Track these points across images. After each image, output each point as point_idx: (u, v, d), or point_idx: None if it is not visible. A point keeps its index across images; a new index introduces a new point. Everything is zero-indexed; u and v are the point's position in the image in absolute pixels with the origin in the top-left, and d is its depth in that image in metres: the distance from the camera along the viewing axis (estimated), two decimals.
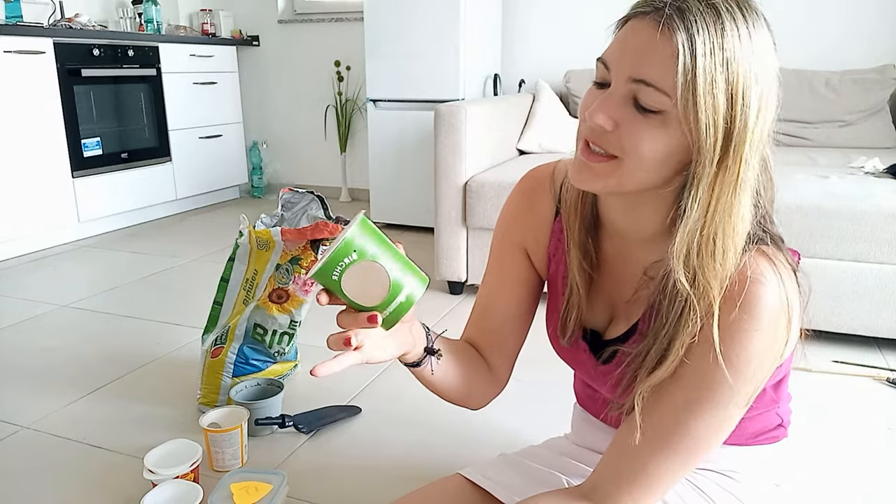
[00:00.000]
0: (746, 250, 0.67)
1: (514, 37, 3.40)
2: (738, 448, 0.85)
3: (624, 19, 0.67)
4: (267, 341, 1.57)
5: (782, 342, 0.66)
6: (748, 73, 0.62)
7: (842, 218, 1.78)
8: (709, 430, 0.69)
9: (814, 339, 0.78)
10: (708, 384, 0.67)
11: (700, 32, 0.60)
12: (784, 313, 0.65)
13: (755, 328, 0.65)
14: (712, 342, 0.66)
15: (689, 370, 0.68)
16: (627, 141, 0.65)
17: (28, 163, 2.83)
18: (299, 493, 1.25)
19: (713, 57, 0.60)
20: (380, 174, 3.25)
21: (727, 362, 0.66)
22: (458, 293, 2.37)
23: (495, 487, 0.91)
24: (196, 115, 3.69)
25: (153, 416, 1.54)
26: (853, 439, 1.44)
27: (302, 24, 3.95)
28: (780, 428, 0.87)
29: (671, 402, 0.70)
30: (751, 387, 0.67)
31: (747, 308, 0.64)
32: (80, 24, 3.16)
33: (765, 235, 0.69)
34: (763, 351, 0.66)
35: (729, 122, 0.62)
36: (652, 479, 0.71)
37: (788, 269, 0.68)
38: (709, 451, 0.71)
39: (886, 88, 2.66)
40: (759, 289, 0.64)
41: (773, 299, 0.65)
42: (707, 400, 0.68)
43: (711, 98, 0.61)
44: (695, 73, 0.60)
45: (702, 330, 0.66)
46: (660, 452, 0.70)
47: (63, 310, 2.23)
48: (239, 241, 1.57)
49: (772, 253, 0.67)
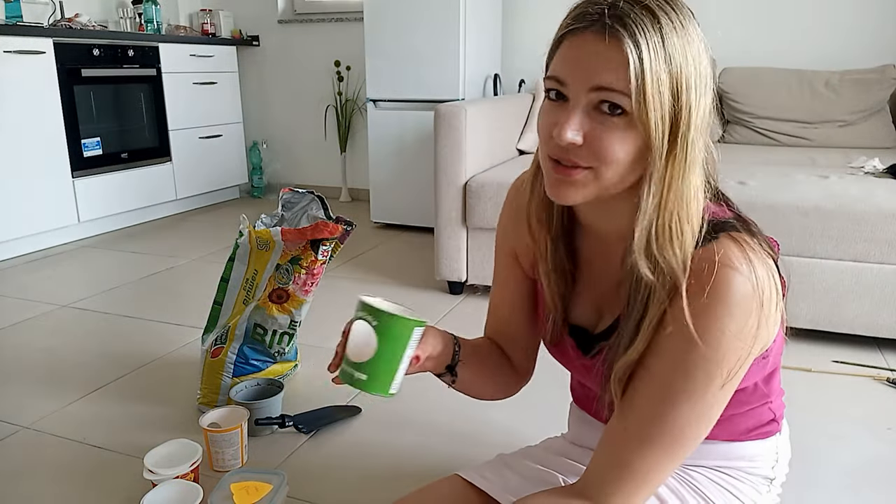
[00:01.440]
0: (713, 237, 0.68)
1: (514, 37, 3.40)
2: (732, 444, 0.86)
3: (559, 38, 0.69)
4: (267, 341, 1.57)
5: (754, 325, 0.67)
6: (687, 65, 0.65)
7: (842, 218, 1.78)
8: (689, 420, 0.69)
9: (813, 339, 0.78)
10: (682, 372, 0.68)
11: (643, 35, 0.64)
12: (754, 296, 0.66)
13: (724, 312, 0.66)
14: (683, 330, 0.67)
15: (664, 361, 0.70)
16: (600, 149, 0.67)
17: (28, 163, 2.83)
18: (299, 493, 1.25)
19: (658, 56, 0.64)
20: (380, 174, 3.25)
21: (698, 347, 0.67)
22: (458, 293, 2.37)
23: (493, 488, 0.92)
24: (196, 115, 3.69)
25: (153, 416, 1.54)
26: (853, 439, 1.44)
27: (302, 24, 3.95)
28: (772, 423, 0.87)
29: (649, 395, 0.71)
30: (724, 370, 0.68)
31: (715, 292, 0.65)
32: (80, 24, 3.16)
33: (736, 222, 0.71)
34: (733, 334, 0.66)
35: (675, 114, 0.65)
36: (639, 473, 0.71)
37: (762, 254, 0.68)
38: (695, 443, 0.71)
39: (886, 88, 2.66)
40: (727, 272, 0.65)
41: (742, 282, 0.65)
42: (683, 389, 0.68)
43: (659, 96, 0.64)
44: (643, 75, 0.63)
45: (673, 318, 0.68)
46: (645, 446, 0.71)
47: (63, 310, 2.23)
48: (239, 241, 1.57)
49: (742, 238, 0.68)
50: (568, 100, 0.68)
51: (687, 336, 0.67)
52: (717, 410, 0.71)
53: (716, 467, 0.87)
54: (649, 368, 0.71)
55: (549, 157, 0.70)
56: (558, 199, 0.72)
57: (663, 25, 0.64)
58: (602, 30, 0.65)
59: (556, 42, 0.70)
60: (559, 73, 0.68)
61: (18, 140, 2.78)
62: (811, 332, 1.91)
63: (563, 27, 0.69)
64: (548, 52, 0.73)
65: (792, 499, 0.95)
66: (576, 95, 0.67)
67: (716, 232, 0.69)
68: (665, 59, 0.64)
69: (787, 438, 0.93)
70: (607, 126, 0.66)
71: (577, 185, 0.70)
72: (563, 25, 0.69)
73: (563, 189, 0.71)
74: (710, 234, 0.68)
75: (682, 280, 0.67)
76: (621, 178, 0.69)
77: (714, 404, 0.70)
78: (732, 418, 0.83)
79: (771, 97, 2.78)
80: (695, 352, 0.67)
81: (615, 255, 0.77)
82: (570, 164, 0.69)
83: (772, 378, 0.84)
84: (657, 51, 0.64)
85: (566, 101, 0.68)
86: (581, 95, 0.67)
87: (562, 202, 0.73)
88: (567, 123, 0.67)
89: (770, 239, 0.74)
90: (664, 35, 0.64)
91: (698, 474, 0.87)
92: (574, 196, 0.71)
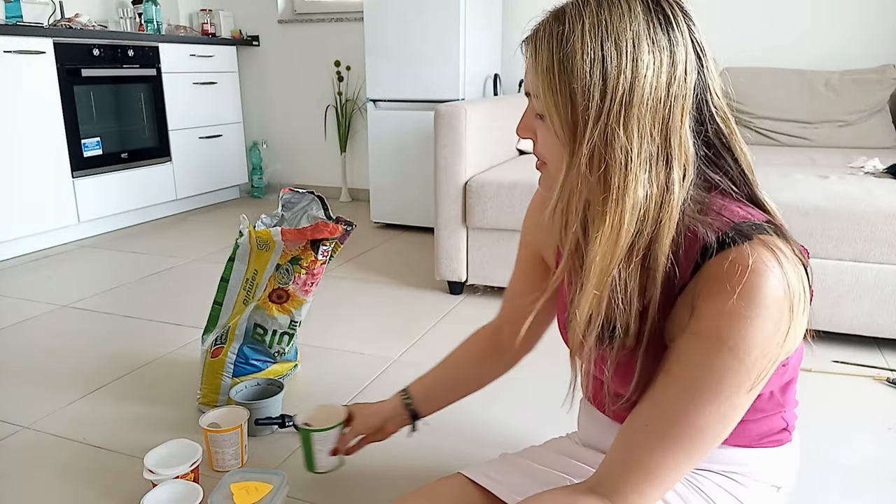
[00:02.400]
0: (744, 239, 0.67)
1: (514, 37, 3.40)
2: (742, 450, 0.85)
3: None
4: (267, 341, 1.57)
5: (785, 330, 0.66)
6: (592, 58, 0.66)
7: (842, 218, 1.78)
8: (712, 421, 0.69)
9: (814, 339, 0.78)
10: (710, 373, 0.67)
11: (541, 41, 0.69)
12: (786, 300, 0.65)
13: (755, 314, 0.65)
14: (714, 330, 0.66)
15: (691, 362, 0.69)
16: (542, 147, 0.75)
17: (28, 163, 2.83)
18: (299, 493, 1.25)
19: (551, 58, 0.68)
20: (380, 174, 3.25)
21: (729, 350, 0.66)
22: (458, 293, 2.37)
23: (497, 487, 0.91)
24: (196, 115, 3.69)
25: (153, 416, 1.54)
26: (853, 439, 1.44)
27: (302, 24, 3.95)
28: (784, 432, 0.87)
29: (674, 393, 0.70)
30: (754, 374, 0.67)
31: (746, 295, 0.65)
32: (80, 24, 3.16)
33: (767, 226, 0.70)
34: (766, 338, 0.66)
35: (570, 110, 0.68)
36: (657, 471, 0.70)
37: (793, 259, 0.68)
38: (714, 443, 0.71)
39: (886, 88, 2.66)
40: (758, 277, 0.65)
41: (774, 286, 0.65)
42: (710, 390, 0.68)
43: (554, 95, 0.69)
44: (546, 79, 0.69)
45: (701, 319, 0.68)
46: (665, 444, 0.70)
47: (63, 310, 2.23)
48: (239, 241, 1.57)
49: (772, 242, 0.68)
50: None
51: (716, 337, 0.66)
52: (740, 413, 0.70)
53: (724, 472, 0.87)
54: (673, 370, 0.70)
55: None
56: (542, 188, 0.80)
57: (570, 28, 0.67)
58: (528, 41, 0.72)
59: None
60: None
61: (18, 140, 2.78)
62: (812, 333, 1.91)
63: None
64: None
65: (792, 499, 0.95)
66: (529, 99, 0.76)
67: (747, 234, 0.68)
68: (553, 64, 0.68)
69: (797, 448, 0.92)
70: (540, 128, 0.74)
71: (543, 178, 0.79)
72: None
73: (541, 181, 0.81)
74: (741, 237, 0.67)
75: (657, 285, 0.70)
76: (556, 174, 0.74)
77: (738, 406, 0.69)
78: (745, 424, 0.82)
79: (771, 97, 2.78)
80: (724, 354, 0.66)
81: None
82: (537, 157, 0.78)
83: (788, 387, 0.84)
84: (553, 57, 0.68)
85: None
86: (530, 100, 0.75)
87: (544, 192, 0.80)
88: (519, 125, 0.78)
89: (801, 246, 0.73)
90: (563, 37, 0.67)
91: (705, 479, 0.86)
92: (544, 187, 0.79)
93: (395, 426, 1.18)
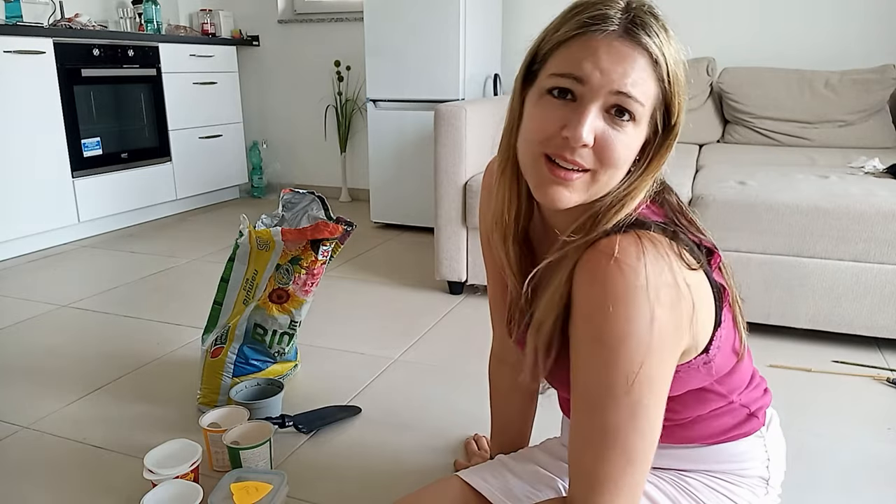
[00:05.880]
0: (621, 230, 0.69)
1: (514, 37, 3.40)
2: (716, 446, 0.85)
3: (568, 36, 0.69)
4: (267, 341, 1.57)
5: (648, 317, 0.65)
6: (683, 71, 0.70)
7: (842, 218, 1.78)
8: (621, 419, 0.68)
9: (813, 339, 0.78)
10: (596, 372, 0.68)
11: (662, 40, 0.67)
12: (642, 288, 0.65)
13: (615, 301, 0.65)
14: (586, 330, 0.68)
15: (579, 364, 0.70)
16: (607, 152, 0.68)
17: (28, 163, 2.82)
18: (299, 493, 1.25)
19: (676, 66, 0.69)
20: (380, 174, 3.25)
21: (600, 343, 0.66)
22: (458, 293, 2.37)
23: (493, 493, 0.92)
24: (196, 115, 3.69)
25: (153, 416, 1.54)
26: (853, 439, 1.44)
27: (302, 24, 3.95)
28: (751, 419, 0.85)
29: (581, 399, 0.71)
30: (635, 365, 0.66)
31: (605, 284, 0.65)
32: (80, 24, 3.15)
33: (658, 224, 0.71)
34: (631, 325, 0.65)
35: (677, 118, 0.71)
36: (606, 481, 0.70)
37: (664, 251, 0.67)
38: (644, 442, 0.69)
39: (886, 88, 2.66)
40: (618, 265, 0.65)
41: (630, 274, 0.65)
42: (603, 389, 0.68)
43: (682, 94, 0.70)
44: (670, 80, 0.68)
45: (574, 322, 0.69)
46: (597, 453, 0.70)
47: (63, 310, 2.23)
48: (239, 241, 1.57)
49: (646, 235, 0.68)
50: (575, 99, 0.68)
51: (589, 336, 0.68)
52: (651, 406, 0.69)
53: (710, 473, 0.87)
54: (574, 373, 0.71)
55: (547, 156, 0.70)
56: (552, 202, 0.71)
57: (671, 34, 0.68)
58: (628, 36, 0.66)
59: (561, 39, 0.69)
60: (578, 71, 0.67)
61: (18, 140, 2.78)
62: (811, 332, 1.92)
63: (577, 24, 0.68)
64: (543, 45, 0.72)
65: (792, 499, 0.95)
66: (591, 96, 0.67)
67: (628, 229, 0.69)
68: (679, 70, 0.69)
69: (776, 434, 0.91)
70: (617, 130, 0.67)
71: (574, 189, 0.69)
72: (576, 23, 0.68)
73: (558, 192, 0.70)
74: (615, 230, 0.69)
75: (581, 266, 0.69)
76: (614, 181, 0.71)
77: (647, 402, 0.68)
78: (700, 420, 0.83)
79: (771, 97, 2.78)
80: (598, 349, 0.67)
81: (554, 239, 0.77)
82: (572, 165, 0.68)
83: (728, 379, 0.82)
84: (676, 54, 0.68)
85: (574, 100, 0.68)
86: (598, 97, 0.67)
87: (555, 207, 0.71)
88: (582, 123, 0.66)
89: (710, 247, 0.74)
90: (673, 44, 0.69)
91: (694, 480, 0.87)
92: (570, 200, 0.70)
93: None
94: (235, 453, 1.25)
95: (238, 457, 1.25)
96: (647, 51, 0.66)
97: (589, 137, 0.66)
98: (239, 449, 1.25)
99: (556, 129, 0.68)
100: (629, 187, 0.71)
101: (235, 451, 1.25)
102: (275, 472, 1.19)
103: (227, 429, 1.31)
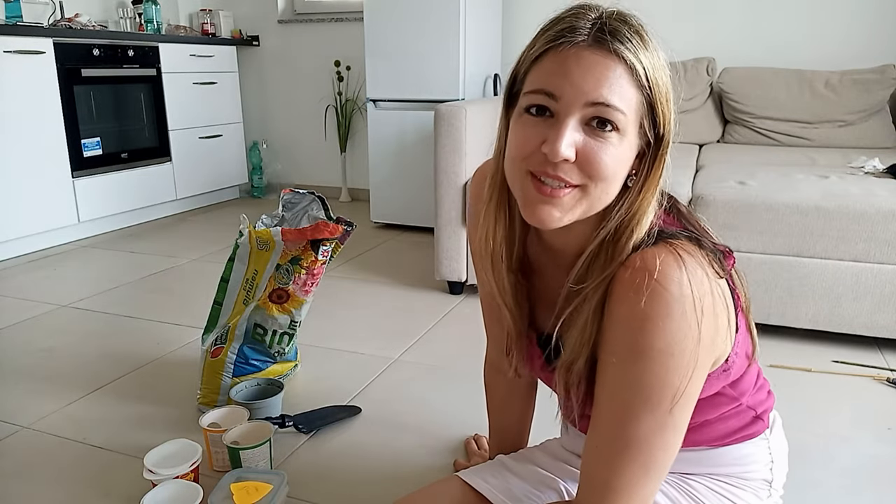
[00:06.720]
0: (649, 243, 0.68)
1: (514, 37, 3.40)
2: (721, 449, 0.85)
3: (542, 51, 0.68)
4: (267, 341, 1.57)
5: (696, 330, 0.65)
6: (667, 78, 0.68)
7: (842, 218, 1.78)
8: (652, 433, 0.68)
9: (813, 339, 0.78)
10: (634, 384, 0.67)
11: (636, 45, 0.65)
12: (688, 299, 0.64)
13: (662, 315, 0.64)
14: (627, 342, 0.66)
15: (615, 376, 0.69)
16: (594, 165, 0.66)
17: (28, 163, 2.82)
18: (299, 493, 1.25)
19: (655, 72, 0.66)
20: (380, 174, 3.25)
21: (644, 356, 0.66)
22: (458, 293, 2.37)
23: (493, 493, 0.92)
24: (196, 115, 3.69)
25: (153, 416, 1.54)
26: (853, 439, 1.44)
27: (302, 24, 3.95)
28: (757, 421, 0.86)
29: (610, 411, 0.70)
30: (676, 378, 0.66)
31: (651, 299, 0.64)
32: (80, 24, 3.15)
33: (677, 231, 0.70)
34: (678, 339, 0.65)
35: (665, 126, 0.68)
36: (620, 491, 0.70)
37: (699, 260, 0.67)
38: (666, 454, 0.70)
39: (886, 88, 2.66)
40: (661, 278, 0.64)
41: (675, 287, 0.64)
42: (639, 402, 0.67)
43: (667, 100, 0.67)
44: (650, 85, 0.66)
45: (613, 330, 0.68)
46: (617, 463, 0.70)
47: (63, 310, 2.23)
48: (239, 241, 1.57)
49: (679, 245, 0.67)
50: (553, 115, 0.66)
51: (630, 347, 0.66)
52: (681, 420, 0.69)
53: (713, 475, 0.87)
54: (606, 384, 0.70)
55: (532, 174, 0.68)
56: (541, 222, 0.69)
57: (647, 39, 0.66)
58: (597, 45, 0.64)
59: (536, 56, 0.68)
60: (549, 86, 0.66)
61: (18, 140, 2.78)
62: (811, 332, 1.91)
63: (547, 39, 0.67)
64: (520, 66, 0.71)
65: (792, 499, 0.95)
66: (566, 110, 0.65)
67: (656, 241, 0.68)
68: (663, 69, 0.67)
69: (780, 436, 0.91)
70: (601, 141, 0.65)
71: (563, 207, 0.67)
72: (546, 38, 0.68)
73: (546, 211, 0.68)
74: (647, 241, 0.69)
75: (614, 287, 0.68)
76: (608, 196, 0.68)
77: (677, 414, 0.68)
78: (708, 424, 0.83)
79: (771, 97, 2.78)
80: (639, 363, 0.66)
81: (565, 260, 0.76)
82: (558, 181, 0.66)
83: (739, 382, 0.82)
84: (654, 66, 0.66)
85: (551, 116, 0.67)
86: (573, 110, 0.65)
87: (544, 226, 0.69)
88: (559, 138, 0.64)
89: (726, 251, 0.73)
90: (650, 49, 0.66)
91: (697, 483, 0.86)
92: (562, 219, 0.68)
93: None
94: (235, 453, 1.25)
95: (238, 457, 1.25)
96: (621, 57, 0.64)
97: (568, 152, 0.64)
98: (239, 449, 1.25)
99: (535, 146, 0.67)
100: (633, 204, 0.69)
101: (235, 451, 1.25)
102: (275, 472, 1.19)
103: (227, 429, 1.31)
